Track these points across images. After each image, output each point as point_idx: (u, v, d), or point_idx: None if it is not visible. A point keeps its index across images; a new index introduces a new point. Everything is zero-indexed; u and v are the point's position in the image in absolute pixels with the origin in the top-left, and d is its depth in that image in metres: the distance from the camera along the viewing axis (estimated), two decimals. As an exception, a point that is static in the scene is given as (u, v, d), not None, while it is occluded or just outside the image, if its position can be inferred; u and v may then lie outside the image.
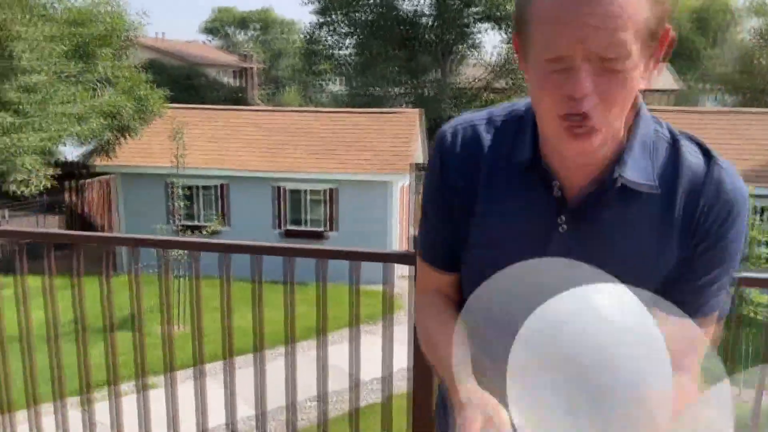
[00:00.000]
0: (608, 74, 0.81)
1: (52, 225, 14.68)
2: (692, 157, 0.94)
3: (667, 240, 0.93)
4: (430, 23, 22.37)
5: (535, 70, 0.86)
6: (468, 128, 1.02)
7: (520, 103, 1.02)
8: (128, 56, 11.35)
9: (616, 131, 0.89)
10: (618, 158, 0.91)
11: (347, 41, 23.79)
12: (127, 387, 2.66)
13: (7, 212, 13.60)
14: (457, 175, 1.01)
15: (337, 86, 27.39)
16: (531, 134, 0.96)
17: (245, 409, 2.71)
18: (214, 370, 2.94)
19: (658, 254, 0.93)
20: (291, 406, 2.46)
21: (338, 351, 2.59)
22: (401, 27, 22.39)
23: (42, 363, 2.47)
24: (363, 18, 22.85)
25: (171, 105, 13.26)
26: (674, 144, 0.95)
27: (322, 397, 2.44)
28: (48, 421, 2.53)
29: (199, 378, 2.41)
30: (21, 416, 2.62)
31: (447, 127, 1.04)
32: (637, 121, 0.93)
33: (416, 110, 15.10)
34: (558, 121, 0.85)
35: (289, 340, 2.32)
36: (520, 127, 0.98)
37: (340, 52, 24.04)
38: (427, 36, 22.30)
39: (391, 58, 22.48)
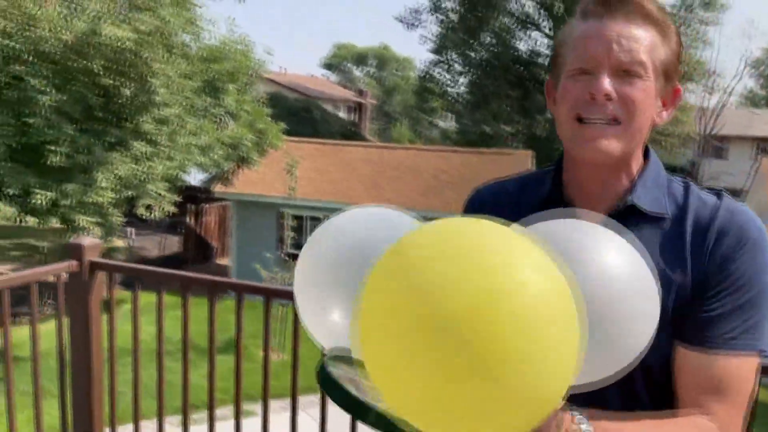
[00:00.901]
0: (629, 84, 0.91)
1: (172, 244, 15.70)
2: (705, 194, 0.99)
3: (680, 264, 0.93)
4: (546, 63, 22.03)
5: (561, 86, 0.96)
6: (496, 183, 1.13)
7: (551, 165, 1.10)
8: (252, 91, 12.03)
9: (631, 150, 0.96)
10: (631, 188, 0.99)
11: (461, 79, 23.93)
12: (226, 411, 2.68)
13: (133, 231, 14.74)
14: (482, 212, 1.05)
15: (447, 123, 27.52)
16: (554, 173, 1.05)
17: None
18: (310, 402, 2.91)
19: (670, 279, 0.91)
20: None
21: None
22: (516, 66, 22.20)
23: (147, 379, 2.58)
24: (478, 57, 22.92)
25: (287, 138, 13.87)
26: (687, 185, 1.01)
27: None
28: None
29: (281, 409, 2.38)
30: (122, 430, 2.73)
31: (478, 186, 1.14)
32: (647, 163, 1.01)
33: (528, 152, 14.81)
34: (576, 123, 0.93)
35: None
36: (546, 173, 1.07)
37: (453, 89, 24.21)
38: (542, 76, 21.95)
39: (504, 97, 22.31)
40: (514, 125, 22.70)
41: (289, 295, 2.35)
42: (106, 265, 2.71)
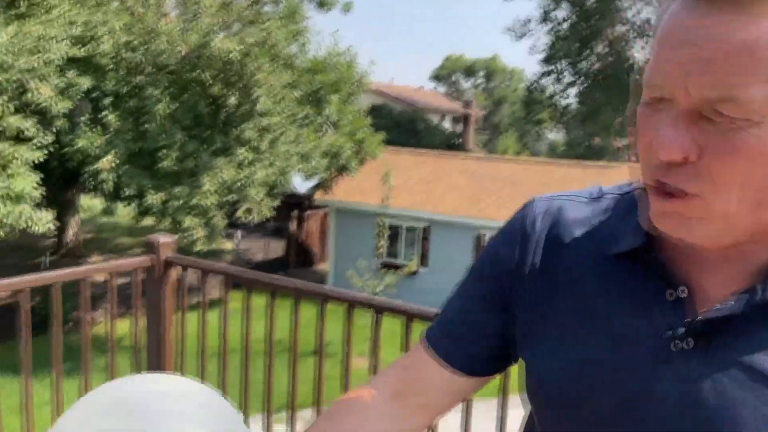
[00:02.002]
0: (722, 131, 0.54)
1: (276, 248, 16.34)
2: None
3: None
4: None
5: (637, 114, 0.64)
6: (565, 203, 0.76)
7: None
8: (354, 101, 12.30)
9: (751, 223, 0.58)
10: None
11: (570, 90, 23.16)
12: (305, 413, 2.71)
13: (240, 233, 15.50)
14: (531, 253, 0.74)
15: (555, 135, 26.70)
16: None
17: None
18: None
19: None
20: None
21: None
22: (630, 76, 21.13)
23: (255, 377, 2.66)
24: (589, 67, 22.08)
25: (388, 148, 14.03)
26: None
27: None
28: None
29: None
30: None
31: (540, 197, 0.80)
32: None
33: (637, 165, 13.96)
34: (649, 184, 0.61)
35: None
36: (630, 211, 0.70)
37: (562, 101, 23.47)
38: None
39: (616, 109, 21.30)
40: (626, 138, 21.59)
41: (371, 305, 2.36)
42: (180, 260, 2.83)
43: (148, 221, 9.89)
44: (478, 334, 0.77)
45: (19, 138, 8.09)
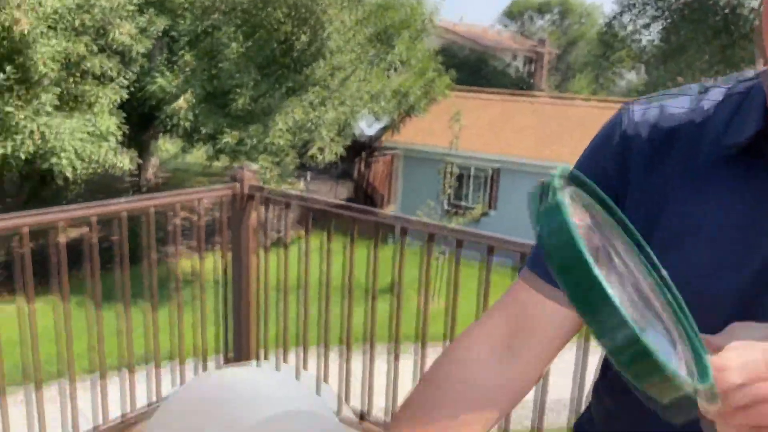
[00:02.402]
0: None
1: (342, 191, 16.56)
2: None
3: None
4: (752, 10, 19.13)
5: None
6: (657, 105, 0.71)
7: (749, 72, 0.71)
8: (423, 40, 12.04)
9: None
10: None
11: (651, 27, 21.74)
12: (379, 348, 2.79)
13: (309, 175, 15.76)
14: (633, 161, 0.70)
15: (633, 75, 25.34)
16: (760, 108, 0.64)
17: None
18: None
19: None
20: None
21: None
22: (719, 13, 19.59)
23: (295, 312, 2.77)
24: (672, 3, 20.59)
25: (457, 88, 13.75)
26: None
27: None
28: (312, 362, 2.77)
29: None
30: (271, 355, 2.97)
31: (637, 101, 0.74)
32: None
33: None
34: None
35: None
36: (743, 103, 0.67)
37: (642, 38, 22.10)
38: (749, 25, 19.14)
39: (702, 47, 19.90)
40: (713, 77, 20.20)
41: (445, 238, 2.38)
42: (261, 189, 2.92)
43: (221, 163, 10.19)
44: None
45: (102, 78, 8.41)
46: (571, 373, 2.09)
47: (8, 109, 7.21)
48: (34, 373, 2.23)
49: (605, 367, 0.77)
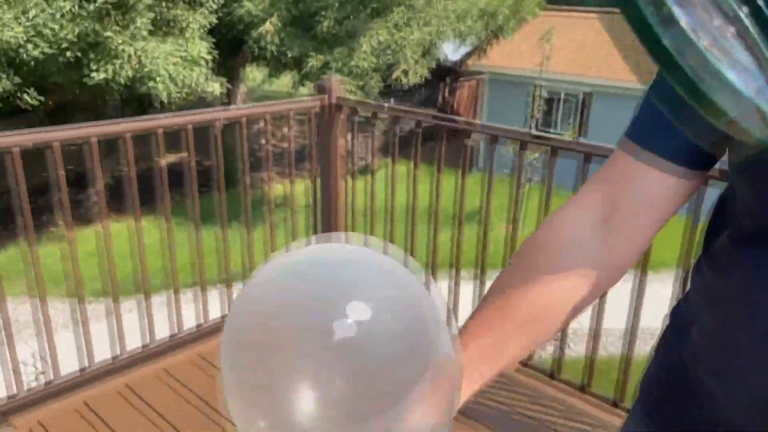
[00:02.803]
0: None
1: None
2: None
3: None
4: None
5: None
6: None
7: None
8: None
9: None
10: None
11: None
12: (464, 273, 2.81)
13: (392, 101, 15.63)
14: None
15: None
16: None
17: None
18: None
19: None
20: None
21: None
22: None
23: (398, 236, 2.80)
24: None
25: (547, 6, 12.97)
26: None
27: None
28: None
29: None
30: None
31: None
32: None
33: None
34: None
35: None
36: None
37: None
38: None
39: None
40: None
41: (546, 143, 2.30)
42: (349, 101, 2.91)
43: (306, 90, 10.25)
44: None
45: (192, 3, 8.55)
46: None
47: (107, 33, 7.50)
48: (142, 283, 2.40)
49: (708, 240, 0.71)
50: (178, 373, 2.37)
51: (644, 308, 2.09)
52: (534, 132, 2.60)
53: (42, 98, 8.10)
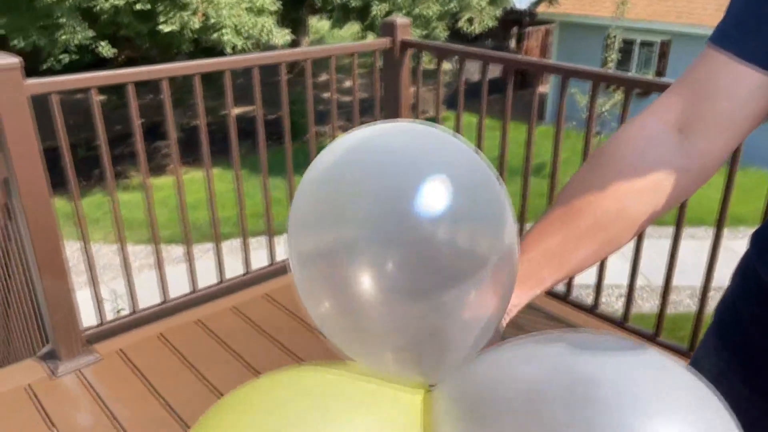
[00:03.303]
0: None
1: (494, 69, 15.91)
2: None
3: None
4: None
5: None
6: None
7: None
8: None
9: None
10: None
11: None
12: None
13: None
14: None
15: None
16: None
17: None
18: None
19: None
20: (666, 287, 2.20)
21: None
22: None
23: None
24: None
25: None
26: None
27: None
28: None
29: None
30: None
31: None
32: None
33: None
34: None
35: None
36: None
37: None
38: None
39: None
40: None
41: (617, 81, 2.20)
42: (415, 43, 2.84)
43: (370, 40, 10.12)
44: None
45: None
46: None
47: (175, -15, 7.60)
48: (213, 225, 2.47)
49: None
50: (247, 308, 2.46)
51: (721, 267, 2.00)
52: (609, 71, 2.47)
53: (115, 50, 8.35)
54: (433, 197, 0.46)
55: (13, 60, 1.74)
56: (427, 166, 0.48)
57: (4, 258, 2.53)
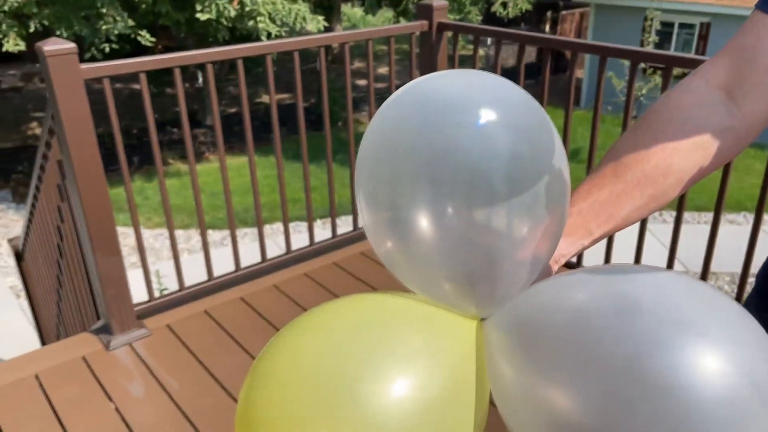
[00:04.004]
0: None
1: (529, 54, 15.69)
2: None
3: None
4: None
5: None
6: None
7: None
8: None
9: None
10: None
11: None
12: None
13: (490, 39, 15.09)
14: None
15: None
16: None
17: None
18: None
19: None
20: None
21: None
22: None
23: None
24: None
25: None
26: None
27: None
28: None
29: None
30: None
31: None
32: None
33: None
34: None
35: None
36: None
37: None
38: None
39: None
40: None
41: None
42: (452, 25, 2.85)
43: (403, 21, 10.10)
44: None
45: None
46: None
47: (211, -26, 7.70)
48: (255, 209, 2.54)
49: None
50: (287, 286, 2.53)
51: (760, 252, 1.99)
52: (645, 65, 2.44)
53: (154, 39, 8.51)
54: (488, 132, 0.50)
55: (69, 45, 1.82)
56: (481, 104, 0.51)
57: (57, 238, 2.64)
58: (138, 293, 2.31)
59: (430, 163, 0.50)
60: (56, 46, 1.81)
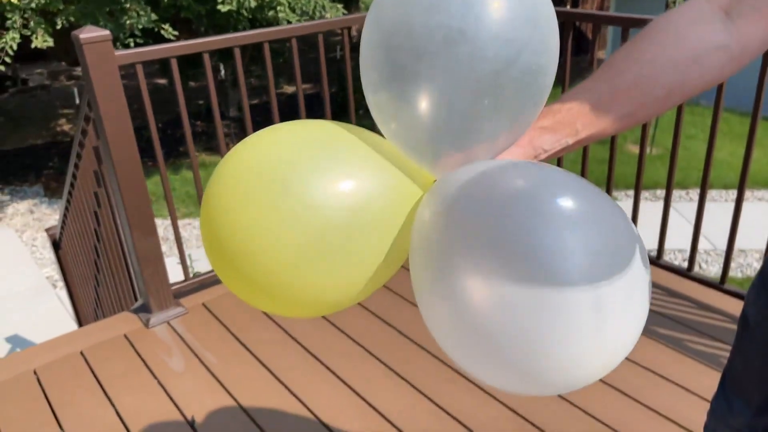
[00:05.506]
0: None
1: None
2: None
3: None
4: None
5: None
6: None
7: None
8: None
9: None
10: None
11: None
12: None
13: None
14: None
15: None
16: None
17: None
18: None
19: None
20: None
21: None
22: None
23: None
24: None
25: None
26: None
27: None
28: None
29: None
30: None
31: None
32: None
33: None
34: None
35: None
36: None
37: None
38: None
39: None
40: None
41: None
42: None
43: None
44: None
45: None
46: None
47: (230, -34, 7.75)
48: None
49: None
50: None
51: None
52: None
53: (176, 33, 8.62)
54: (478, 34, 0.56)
55: (104, 32, 1.89)
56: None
57: (95, 224, 2.74)
58: (172, 278, 2.38)
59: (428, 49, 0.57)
60: (91, 33, 1.87)
